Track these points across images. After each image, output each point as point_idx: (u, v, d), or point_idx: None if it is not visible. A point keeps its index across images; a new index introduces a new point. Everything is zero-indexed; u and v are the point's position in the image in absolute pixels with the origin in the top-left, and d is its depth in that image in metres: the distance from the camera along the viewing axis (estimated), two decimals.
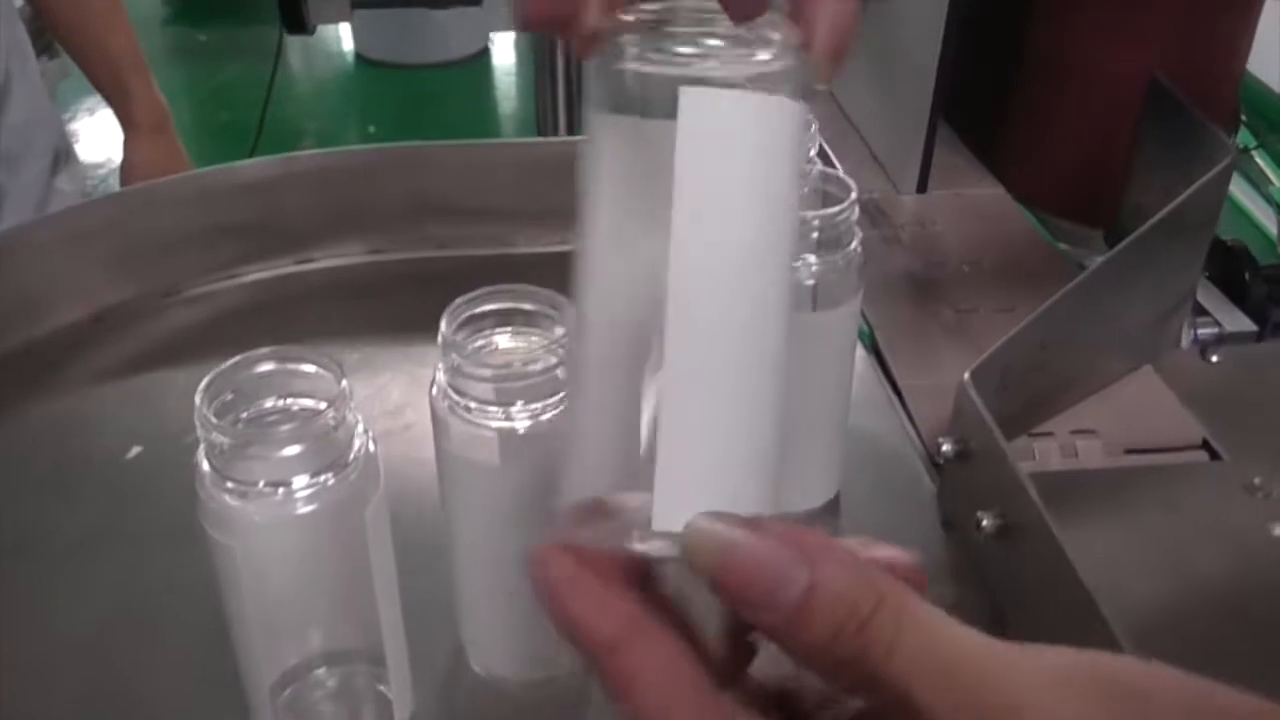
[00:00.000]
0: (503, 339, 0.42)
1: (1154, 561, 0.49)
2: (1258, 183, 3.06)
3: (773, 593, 0.22)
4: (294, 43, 3.26)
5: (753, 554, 0.23)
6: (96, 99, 1.14)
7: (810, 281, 0.46)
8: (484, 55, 3.41)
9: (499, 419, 0.39)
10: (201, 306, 0.70)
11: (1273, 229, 3.04)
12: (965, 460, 0.50)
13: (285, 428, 0.36)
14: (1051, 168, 0.74)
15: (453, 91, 3.40)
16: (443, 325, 0.40)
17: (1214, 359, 0.65)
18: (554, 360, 0.39)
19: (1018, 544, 0.46)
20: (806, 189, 0.49)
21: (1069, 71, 0.70)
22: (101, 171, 2.90)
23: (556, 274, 0.77)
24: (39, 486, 0.56)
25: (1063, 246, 0.74)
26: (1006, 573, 0.47)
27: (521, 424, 0.39)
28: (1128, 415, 0.58)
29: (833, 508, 0.53)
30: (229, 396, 0.38)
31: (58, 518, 0.54)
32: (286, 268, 0.72)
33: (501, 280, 0.74)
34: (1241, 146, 2.90)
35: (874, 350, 0.63)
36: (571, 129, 0.91)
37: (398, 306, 0.71)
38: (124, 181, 1.14)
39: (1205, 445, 0.56)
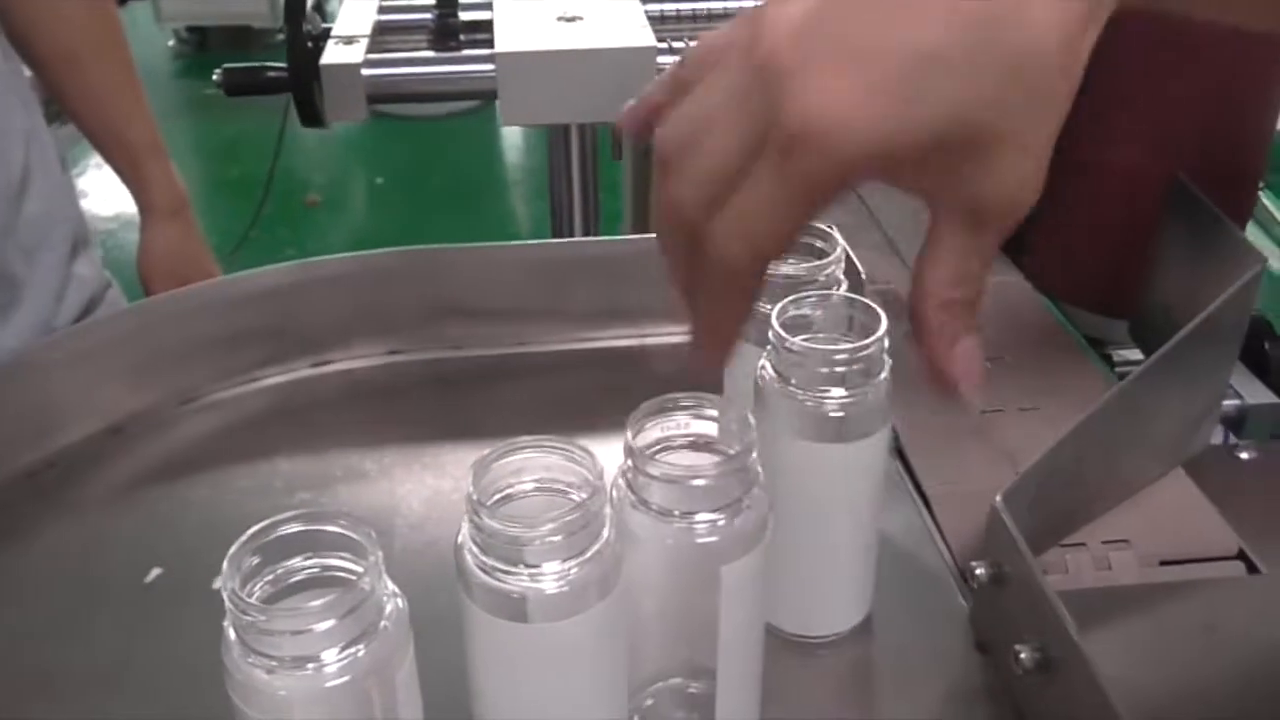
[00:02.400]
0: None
1: (1194, 690, 0.48)
2: (1265, 225, 3.06)
3: None
4: None
5: None
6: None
7: (838, 414, 0.46)
8: (491, 106, 3.43)
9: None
10: (220, 412, 0.69)
11: None
12: (1000, 585, 0.49)
13: (316, 604, 0.35)
14: (1073, 260, 0.74)
15: (461, 143, 3.42)
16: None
17: (1243, 456, 0.64)
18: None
19: (1056, 679, 0.45)
20: (824, 314, 0.49)
21: (1088, 168, 0.70)
22: (112, 225, 2.92)
23: (571, 371, 0.77)
24: (61, 615, 0.55)
25: (1085, 337, 0.73)
26: (1044, 707, 0.46)
27: None
28: (1160, 523, 0.57)
29: (864, 629, 0.52)
30: (255, 560, 0.37)
31: (78, 650, 0.53)
32: (304, 370, 0.72)
33: (518, 377, 0.74)
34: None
35: (899, 454, 0.63)
36: (587, 224, 0.91)
37: (416, 407, 0.71)
38: (141, 265, 1.14)
39: (1241, 554, 0.56)
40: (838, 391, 0.46)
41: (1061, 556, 0.55)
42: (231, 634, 0.36)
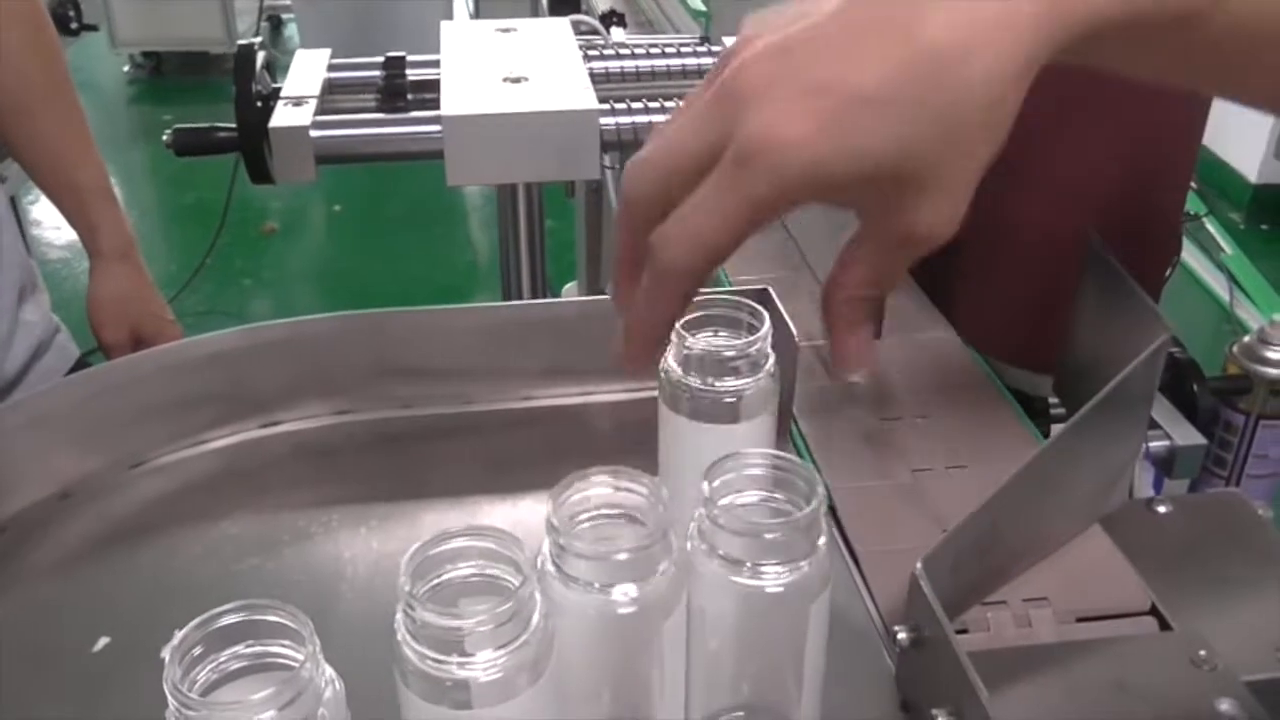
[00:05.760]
0: None
1: None
2: (1209, 249, 3.12)
3: None
4: None
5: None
6: None
7: (731, 400, 0.52)
8: None
9: None
10: (169, 475, 0.70)
11: (1224, 295, 3.09)
12: (919, 648, 0.52)
13: (256, 696, 0.36)
14: (998, 315, 0.76)
15: (418, 169, 3.43)
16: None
17: (1160, 510, 0.67)
18: None
19: None
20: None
21: (1010, 226, 0.73)
22: (65, 254, 2.90)
23: (517, 429, 0.78)
24: (8, 686, 0.56)
25: (1018, 391, 0.76)
26: None
27: None
28: (1077, 580, 0.60)
29: None
30: (196, 651, 0.39)
31: None
32: (252, 432, 0.73)
33: (465, 436, 0.75)
34: (1192, 214, 2.96)
35: (832, 514, 0.65)
36: (534, 279, 0.93)
37: (363, 466, 0.72)
38: (90, 309, 1.15)
39: (1154, 610, 0.58)
40: (733, 382, 0.53)
41: (984, 614, 0.57)
42: None
